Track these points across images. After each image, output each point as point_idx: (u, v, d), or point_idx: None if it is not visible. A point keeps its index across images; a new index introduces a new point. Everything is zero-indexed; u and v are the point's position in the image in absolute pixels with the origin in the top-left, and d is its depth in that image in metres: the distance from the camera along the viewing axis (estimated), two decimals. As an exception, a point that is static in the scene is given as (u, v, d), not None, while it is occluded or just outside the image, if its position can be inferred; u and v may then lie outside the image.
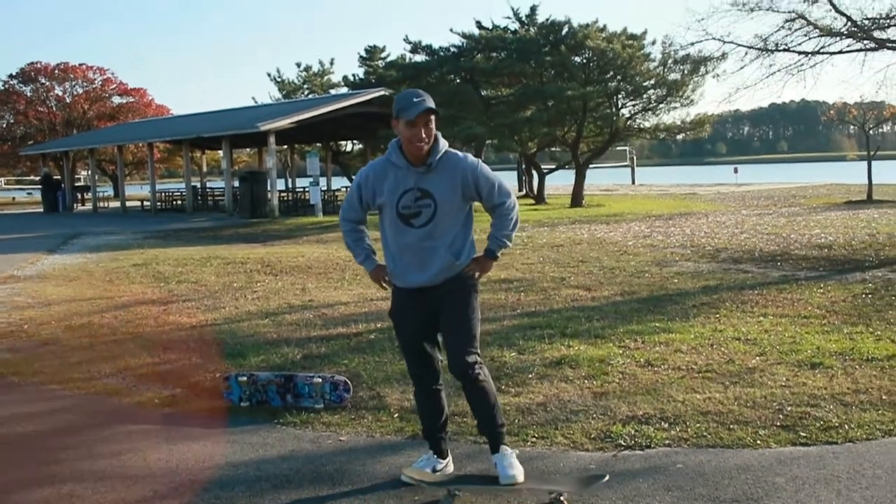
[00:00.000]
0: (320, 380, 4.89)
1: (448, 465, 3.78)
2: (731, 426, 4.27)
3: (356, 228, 3.83)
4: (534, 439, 4.21)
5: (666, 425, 4.32)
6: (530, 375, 5.36)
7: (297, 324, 7.46)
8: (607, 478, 3.57)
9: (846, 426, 4.21)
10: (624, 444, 4.10)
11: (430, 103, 3.50)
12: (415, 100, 3.47)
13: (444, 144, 3.60)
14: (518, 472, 3.51)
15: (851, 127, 31.65)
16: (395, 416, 4.65)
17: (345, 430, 4.48)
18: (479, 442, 4.19)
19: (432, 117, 3.51)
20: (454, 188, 3.57)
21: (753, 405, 4.59)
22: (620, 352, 5.91)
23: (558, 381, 5.23)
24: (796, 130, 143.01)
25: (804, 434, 4.13)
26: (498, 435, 3.65)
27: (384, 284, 3.80)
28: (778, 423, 4.29)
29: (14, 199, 45.86)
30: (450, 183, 3.56)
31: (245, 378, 4.98)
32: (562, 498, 3.42)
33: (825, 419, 4.32)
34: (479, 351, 3.62)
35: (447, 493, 3.52)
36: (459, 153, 3.66)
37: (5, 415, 5.03)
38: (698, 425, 4.30)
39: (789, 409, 4.51)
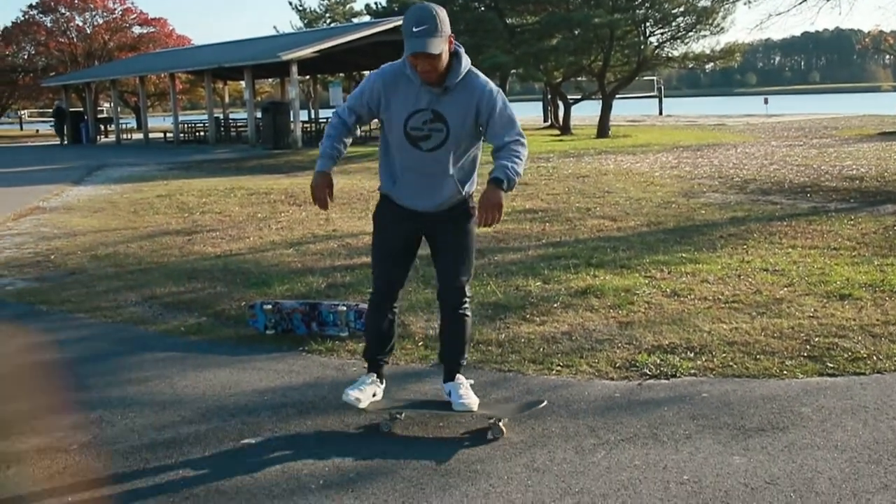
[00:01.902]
0: (345, 308, 4.90)
1: (381, 391, 3.68)
2: (758, 356, 4.23)
3: (344, 124, 3.45)
4: (559, 368, 4.21)
5: (692, 355, 4.30)
6: (555, 304, 5.35)
7: (322, 253, 7.48)
8: (545, 403, 3.63)
9: (874, 357, 4.16)
10: (649, 373, 4.09)
11: (430, 43, 3.10)
12: (414, 29, 3.12)
13: (465, 64, 3.30)
14: (473, 401, 3.48)
15: (887, 56, 30.65)
16: (420, 343, 4.67)
17: (369, 358, 4.51)
18: (503, 370, 4.20)
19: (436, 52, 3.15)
20: (469, 114, 3.30)
21: (780, 336, 4.55)
22: (646, 282, 5.87)
23: (583, 310, 5.21)
24: (829, 60, 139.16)
25: (832, 365, 4.09)
26: (458, 366, 3.60)
27: (320, 196, 3.41)
28: (805, 354, 4.25)
29: (38, 131, 46.07)
30: (465, 108, 3.29)
31: (270, 306, 5.00)
32: (500, 423, 3.43)
33: (853, 350, 4.27)
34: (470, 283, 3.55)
35: (389, 417, 3.54)
36: (482, 77, 3.39)
37: (34, 342, 5.11)
38: (724, 355, 4.27)
39: (817, 339, 4.46)
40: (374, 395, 3.59)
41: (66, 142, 32.78)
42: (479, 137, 3.45)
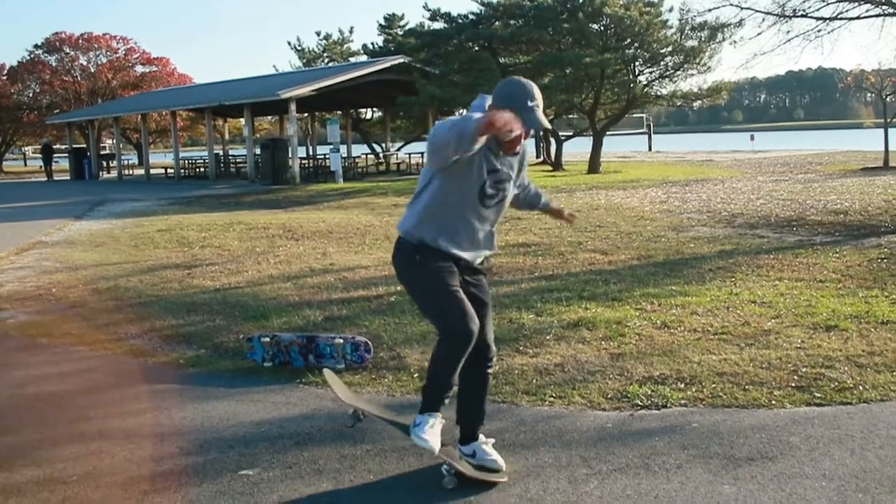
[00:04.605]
0: (341, 341, 4.96)
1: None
2: (747, 387, 4.30)
3: None
4: (551, 399, 4.26)
5: (682, 386, 4.36)
6: (548, 337, 5.41)
7: (319, 287, 7.54)
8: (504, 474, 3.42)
9: (861, 387, 4.23)
10: (640, 403, 4.14)
11: (544, 119, 3.24)
12: (529, 104, 3.15)
13: None
14: (502, 461, 3.42)
15: (869, 94, 31.03)
16: (415, 375, 4.72)
17: (365, 390, 4.56)
18: (497, 402, 4.22)
19: None
20: (520, 171, 3.47)
21: (769, 366, 4.62)
22: (637, 314, 5.94)
23: (575, 342, 5.28)
24: (813, 98, 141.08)
25: (819, 395, 4.15)
26: (482, 423, 3.56)
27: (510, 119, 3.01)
28: (793, 384, 4.31)
29: (41, 167, 46.36)
30: (519, 167, 3.45)
31: (268, 339, 5.06)
32: (454, 474, 3.33)
33: (840, 380, 4.34)
34: None
35: (353, 412, 3.50)
36: None
37: (36, 375, 5.17)
38: (714, 386, 4.33)
39: (804, 370, 4.53)
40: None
41: (51, 178, 33.23)
42: None
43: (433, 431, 3.28)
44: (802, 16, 14.54)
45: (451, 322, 3.22)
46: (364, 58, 34.22)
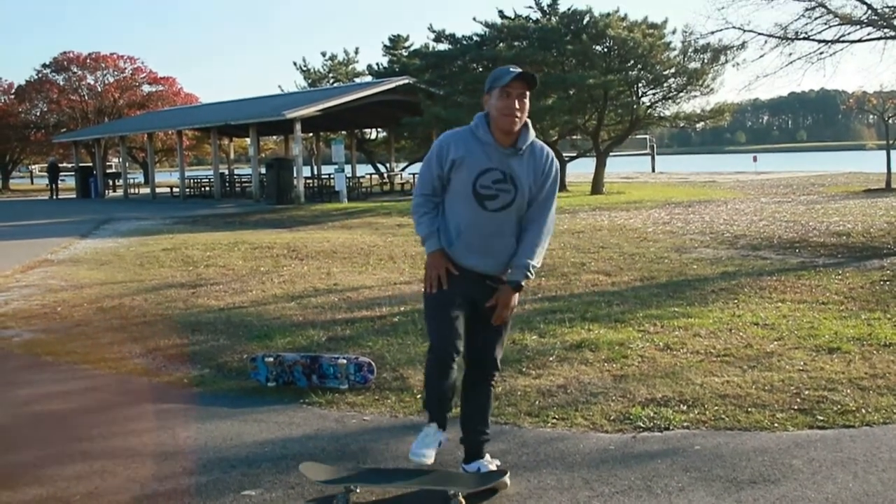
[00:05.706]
0: (345, 361, 4.98)
1: (445, 439, 3.59)
2: (749, 409, 4.31)
3: (430, 201, 3.46)
4: (554, 420, 4.27)
5: (684, 408, 4.37)
6: (551, 358, 5.43)
7: (323, 307, 7.57)
8: (507, 475, 3.50)
9: (863, 410, 4.24)
10: (643, 425, 4.15)
11: (526, 73, 3.29)
12: (511, 69, 3.29)
13: (532, 132, 3.43)
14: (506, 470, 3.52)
15: (871, 116, 31.13)
16: (418, 396, 4.72)
17: (369, 410, 4.58)
18: (500, 423, 4.23)
19: (527, 92, 3.30)
20: (536, 178, 3.37)
21: (771, 389, 4.63)
22: (640, 336, 5.95)
23: (578, 363, 5.29)
24: (815, 119, 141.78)
25: (821, 417, 4.16)
26: (486, 441, 3.61)
27: (441, 275, 3.35)
28: (795, 407, 4.32)
29: (48, 185, 46.64)
30: (534, 172, 3.37)
31: (271, 359, 5.08)
32: (460, 497, 3.31)
33: (842, 403, 4.34)
34: None
35: (344, 490, 3.39)
36: (545, 145, 3.48)
37: (40, 393, 5.19)
38: (716, 408, 4.34)
39: (807, 392, 4.54)
40: (439, 445, 3.45)
41: (56, 196, 33.63)
42: None
43: (425, 443, 3.37)
44: (804, 38, 14.71)
45: (436, 341, 3.41)
46: (369, 78, 34.46)
